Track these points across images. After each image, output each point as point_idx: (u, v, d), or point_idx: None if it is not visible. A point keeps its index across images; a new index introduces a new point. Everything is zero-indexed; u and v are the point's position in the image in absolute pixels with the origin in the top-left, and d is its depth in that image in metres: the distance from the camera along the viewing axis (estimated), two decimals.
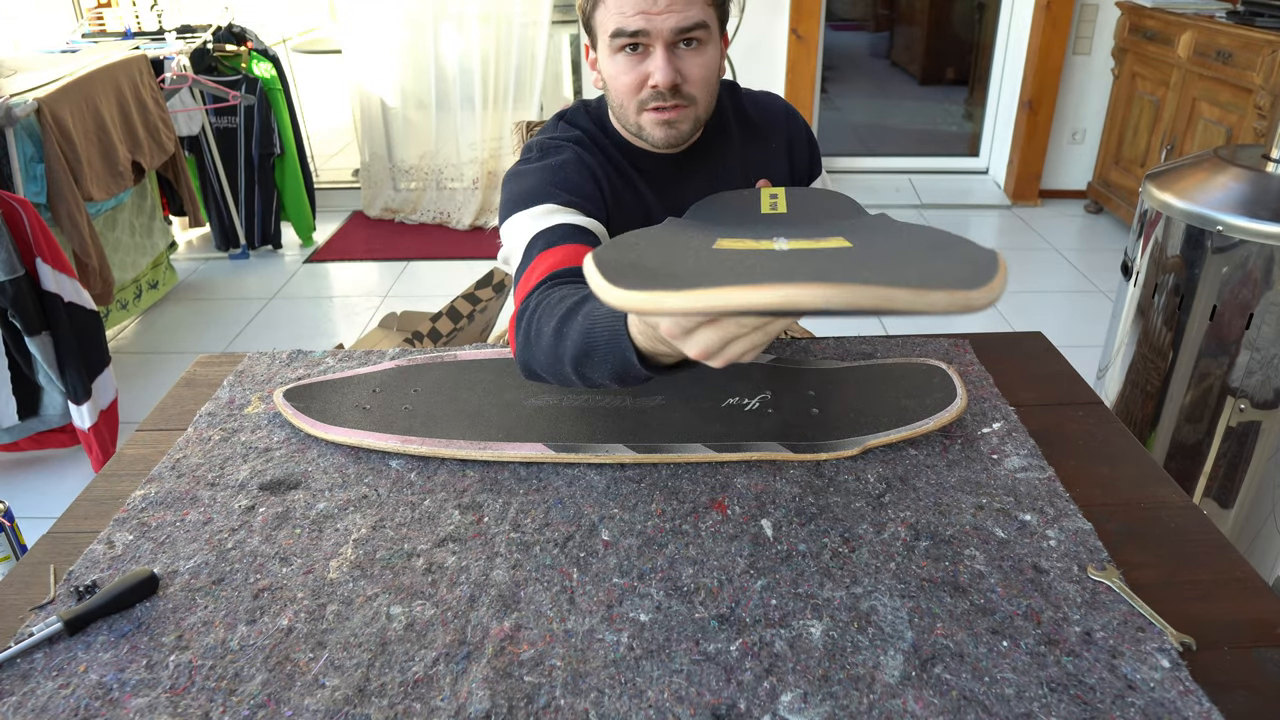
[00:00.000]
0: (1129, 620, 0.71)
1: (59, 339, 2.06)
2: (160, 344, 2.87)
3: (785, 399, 0.99)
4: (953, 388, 1.00)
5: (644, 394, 1.00)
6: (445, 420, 0.96)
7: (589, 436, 0.93)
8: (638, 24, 0.94)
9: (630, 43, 0.96)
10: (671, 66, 0.96)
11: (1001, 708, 0.63)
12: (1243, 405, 1.52)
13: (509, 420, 0.96)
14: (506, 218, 1.01)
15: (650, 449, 0.91)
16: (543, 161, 1.04)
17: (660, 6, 0.94)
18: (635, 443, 0.92)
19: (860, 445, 0.92)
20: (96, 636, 0.71)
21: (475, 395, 1.01)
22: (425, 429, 0.95)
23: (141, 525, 0.84)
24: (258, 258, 3.53)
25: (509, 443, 0.92)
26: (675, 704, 0.64)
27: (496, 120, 3.73)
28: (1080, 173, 3.95)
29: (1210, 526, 0.83)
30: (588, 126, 1.09)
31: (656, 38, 0.95)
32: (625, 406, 0.98)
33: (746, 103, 1.15)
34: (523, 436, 0.93)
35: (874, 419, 0.96)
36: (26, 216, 1.94)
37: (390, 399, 1.01)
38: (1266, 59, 2.68)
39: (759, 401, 0.99)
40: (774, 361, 1.07)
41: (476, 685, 0.66)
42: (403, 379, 1.05)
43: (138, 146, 2.70)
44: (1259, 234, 1.42)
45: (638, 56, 0.97)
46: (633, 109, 1.01)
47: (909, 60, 4.66)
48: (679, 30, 0.95)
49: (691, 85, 0.99)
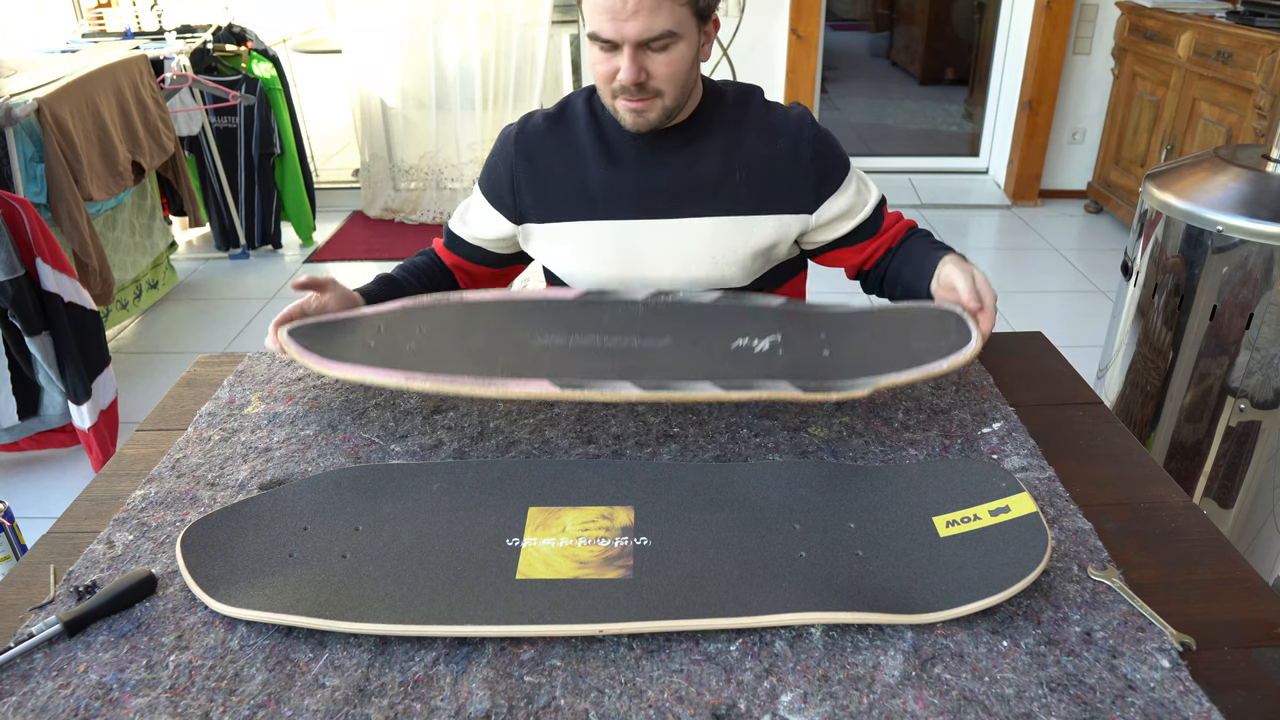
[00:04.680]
0: (1129, 620, 0.71)
1: (59, 339, 2.06)
2: (160, 344, 2.87)
3: (796, 340, 0.97)
4: (967, 331, 0.96)
5: (651, 334, 0.98)
6: (450, 359, 0.95)
7: (595, 375, 0.91)
8: (606, 31, 1.01)
9: (603, 41, 1.02)
10: (636, 66, 1.02)
11: (1001, 708, 0.63)
12: (1243, 405, 1.52)
13: (514, 359, 0.94)
14: None
15: (657, 387, 0.88)
16: (493, 146, 1.22)
17: (626, 14, 0.99)
18: (642, 380, 0.89)
19: (871, 385, 0.89)
20: (96, 637, 0.71)
21: (480, 335, 0.99)
22: (430, 367, 0.93)
23: (141, 525, 0.84)
24: (258, 258, 3.53)
25: (514, 379, 0.90)
26: (675, 704, 0.64)
27: (497, 120, 3.72)
28: (1080, 173, 3.95)
29: (1210, 526, 0.83)
30: (580, 105, 1.17)
31: (624, 41, 1.01)
32: (632, 347, 0.96)
33: (757, 103, 1.16)
34: (528, 374, 0.91)
35: (886, 360, 0.93)
36: (26, 216, 1.94)
37: (395, 337, 0.99)
38: (1266, 59, 2.68)
39: (769, 343, 0.96)
40: (785, 305, 1.04)
41: (476, 685, 0.66)
42: (408, 319, 1.03)
43: (138, 146, 2.70)
44: (1259, 234, 1.42)
45: (610, 52, 1.03)
46: (607, 95, 1.08)
47: (909, 60, 4.66)
48: (643, 39, 1.00)
49: (658, 81, 1.04)
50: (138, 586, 0.74)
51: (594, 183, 1.14)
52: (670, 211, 1.14)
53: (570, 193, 1.15)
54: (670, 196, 1.13)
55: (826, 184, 1.14)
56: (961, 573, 0.73)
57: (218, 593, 0.73)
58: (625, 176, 1.13)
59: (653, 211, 1.14)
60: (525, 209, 1.17)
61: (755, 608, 0.70)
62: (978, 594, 0.71)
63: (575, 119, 1.16)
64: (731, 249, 1.14)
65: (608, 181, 1.13)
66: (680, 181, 1.13)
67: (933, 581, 0.73)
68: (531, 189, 1.16)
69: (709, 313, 1.02)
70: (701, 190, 1.13)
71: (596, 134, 1.14)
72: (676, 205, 1.13)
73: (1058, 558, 0.78)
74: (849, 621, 0.70)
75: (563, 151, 1.15)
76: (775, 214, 1.14)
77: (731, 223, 1.14)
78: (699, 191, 1.13)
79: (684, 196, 1.13)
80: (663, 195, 1.13)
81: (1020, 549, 0.73)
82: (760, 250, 1.15)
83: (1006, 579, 0.72)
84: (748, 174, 1.13)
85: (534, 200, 1.16)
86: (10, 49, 3.32)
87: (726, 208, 1.13)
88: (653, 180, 1.13)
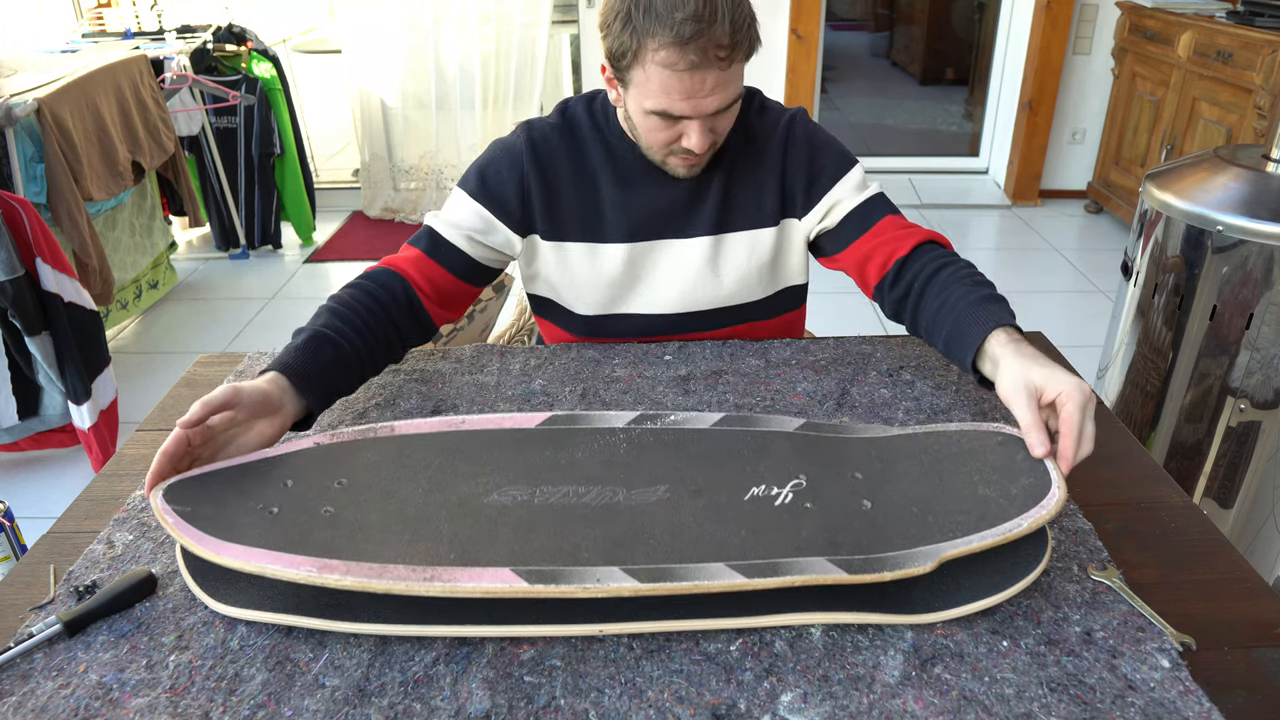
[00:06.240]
0: (1129, 620, 0.71)
1: (59, 339, 2.06)
2: (160, 344, 2.87)
3: (825, 487, 0.77)
4: (1042, 469, 0.76)
5: (640, 481, 0.78)
6: (377, 531, 0.72)
7: (572, 556, 0.69)
8: (681, 110, 0.96)
9: (671, 117, 0.98)
10: (706, 133, 0.99)
11: (1001, 708, 0.63)
12: (1243, 405, 1.51)
13: (464, 529, 0.72)
14: None
15: (657, 575, 0.68)
16: (490, 153, 1.13)
17: (706, 90, 0.94)
18: (635, 565, 0.69)
19: (935, 560, 0.69)
20: (96, 636, 0.71)
21: (419, 490, 0.77)
22: (350, 546, 0.70)
23: (141, 525, 0.84)
24: (258, 258, 3.53)
25: (464, 567, 0.68)
26: (675, 704, 0.64)
27: (497, 120, 3.73)
28: (1080, 173, 3.95)
29: (1210, 526, 0.83)
30: (583, 117, 1.12)
31: (699, 117, 0.97)
32: (616, 503, 0.75)
33: (753, 112, 1.14)
34: (483, 557, 0.69)
35: (944, 515, 0.73)
36: (26, 216, 1.94)
37: (305, 497, 0.76)
38: (1266, 59, 2.68)
39: (792, 491, 0.77)
40: (803, 429, 0.85)
41: (476, 685, 0.66)
42: (323, 465, 0.79)
43: (138, 146, 2.70)
44: (1259, 234, 1.42)
45: (672, 120, 0.99)
46: (658, 153, 1.05)
47: (909, 60, 4.66)
48: (718, 111, 0.97)
49: (719, 134, 1.03)
50: (138, 586, 0.74)
51: (604, 204, 1.11)
52: (676, 232, 1.12)
53: (580, 213, 1.12)
54: (677, 216, 1.12)
55: (816, 185, 1.12)
56: (962, 572, 0.73)
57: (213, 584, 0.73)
58: (633, 198, 1.11)
59: (661, 232, 1.12)
60: (534, 221, 1.13)
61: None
62: (978, 594, 0.71)
63: (581, 132, 1.12)
64: (735, 266, 1.14)
65: (617, 203, 1.11)
66: (686, 200, 1.11)
67: (933, 576, 0.72)
68: (543, 203, 1.11)
69: (709, 445, 0.82)
70: (705, 208, 1.12)
71: (604, 149, 1.11)
72: (682, 225, 1.12)
73: (1058, 558, 0.78)
74: (849, 621, 0.70)
75: (573, 168, 1.11)
76: (772, 225, 1.13)
77: (735, 238, 1.13)
78: (703, 209, 1.12)
79: (689, 215, 1.12)
80: (669, 215, 1.12)
81: (1020, 549, 0.73)
82: (765, 264, 1.15)
83: (1006, 579, 0.71)
84: (745, 187, 1.12)
85: (544, 215, 1.12)
86: (10, 49, 3.32)
87: (728, 224, 1.12)
88: (660, 201, 1.11)
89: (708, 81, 0.93)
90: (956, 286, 0.99)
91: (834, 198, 1.12)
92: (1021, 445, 0.79)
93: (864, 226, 1.11)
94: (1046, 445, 0.77)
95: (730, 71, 0.95)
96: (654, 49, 0.92)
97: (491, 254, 1.14)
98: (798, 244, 1.16)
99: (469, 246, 1.11)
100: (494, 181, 1.11)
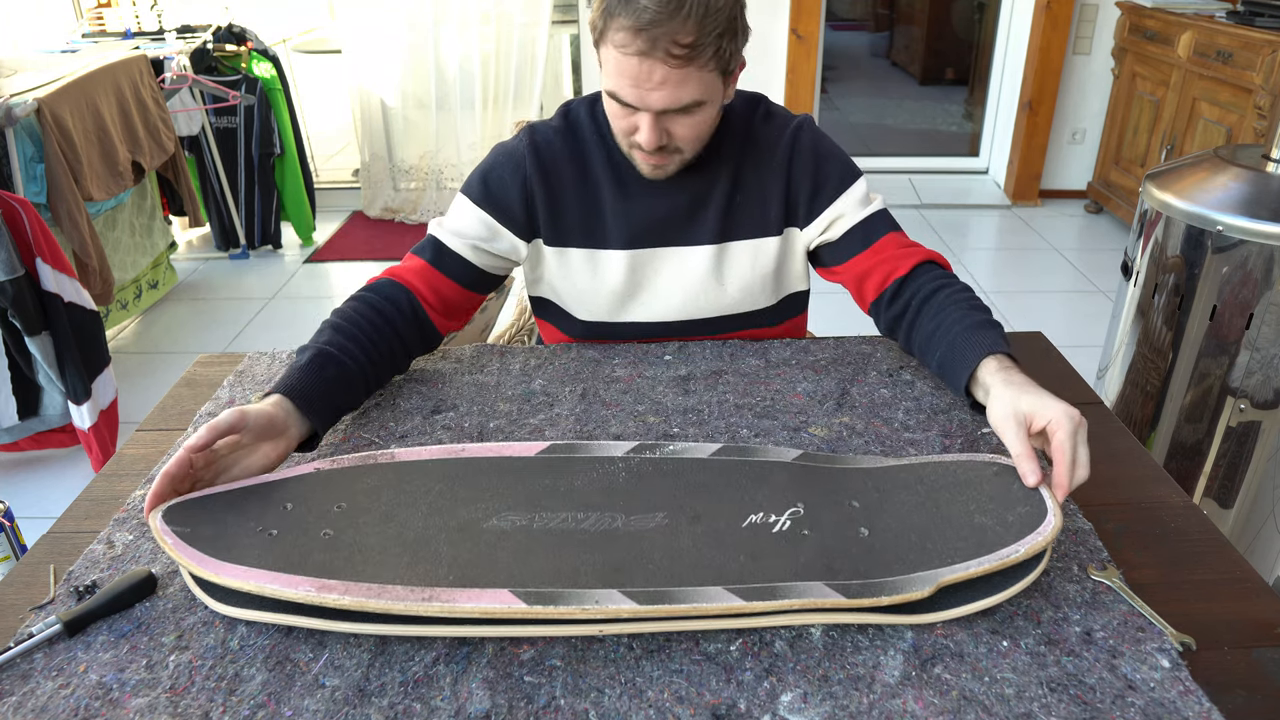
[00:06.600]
0: (1129, 620, 0.71)
1: (59, 339, 2.06)
2: (160, 344, 2.87)
3: (823, 514, 0.78)
4: (1037, 497, 0.77)
5: (639, 509, 0.79)
6: (376, 553, 0.74)
7: (572, 578, 0.71)
8: (627, 96, 0.96)
9: (621, 102, 0.98)
10: (658, 130, 0.98)
11: (1001, 708, 0.63)
12: (1243, 405, 1.52)
13: (463, 552, 0.73)
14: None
15: (655, 597, 0.69)
16: (493, 157, 1.13)
17: (653, 83, 0.93)
18: (634, 588, 0.70)
19: (933, 584, 0.70)
20: (96, 637, 0.71)
21: (418, 514, 0.78)
22: (349, 567, 0.72)
23: (141, 525, 0.84)
24: (258, 258, 3.53)
25: (463, 588, 0.70)
26: (675, 704, 0.64)
27: (497, 120, 3.73)
28: (1080, 173, 3.95)
29: (1210, 526, 0.83)
30: (585, 120, 1.12)
31: (646, 109, 0.97)
32: (615, 529, 0.76)
33: (758, 119, 1.13)
34: (481, 579, 0.71)
35: (942, 542, 0.74)
36: (26, 216, 1.94)
37: (305, 520, 0.77)
38: (1266, 59, 2.68)
39: (789, 519, 0.78)
40: (801, 459, 0.86)
41: (476, 685, 0.66)
42: (323, 490, 0.81)
43: (138, 146, 2.70)
44: (1259, 234, 1.42)
45: (628, 109, 0.99)
46: (623, 144, 1.06)
47: (909, 60, 4.66)
48: (666, 109, 0.96)
49: (678, 141, 1.01)
50: (138, 586, 0.74)
51: (606, 211, 1.11)
52: (679, 239, 1.12)
53: (583, 219, 1.12)
54: (679, 224, 1.11)
55: (820, 196, 1.11)
56: None
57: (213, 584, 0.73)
58: (635, 205, 1.10)
59: (662, 240, 1.12)
60: (538, 226, 1.12)
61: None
62: (977, 594, 0.71)
63: (583, 135, 1.11)
64: (739, 274, 1.13)
65: (619, 210, 1.10)
66: (688, 208, 1.11)
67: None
68: (546, 207, 1.11)
69: (708, 475, 0.83)
70: (708, 215, 1.11)
71: (606, 155, 1.11)
72: (685, 232, 1.12)
73: (1058, 558, 0.78)
74: (849, 621, 0.70)
75: (576, 174, 1.11)
76: (776, 234, 1.13)
77: (738, 247, 1.13)
78: (705, 217, 1.11)
79: (692, 223, 1.11)
80: (672, 223, 1.11)
81: None
82: (769, 273, 1.14)
83: (1007, 579, 0.72)
84: (749, 195, 1.11)
85: (547, 219, 1.11)
86: (10, 49, 3.32)
87: (731, 232, 1.12)
88: (661, 207, 1.10)
89: (655, 74, 0.93)
90: (953, 309, 1.00)
91: (837, 210, 1.11)
92: (1012, 474, 0.80)
93: (865, 243, 1.10)
94: (1038, 474, 0.77)
95: (684, 73, 0.93)
96: (615, 29, 0.93)
97: (496, 261, 1.13)
98: (799, 253, 1.16)
99: (474, 255, 1.11)
100: (497, 187, 1.11)
